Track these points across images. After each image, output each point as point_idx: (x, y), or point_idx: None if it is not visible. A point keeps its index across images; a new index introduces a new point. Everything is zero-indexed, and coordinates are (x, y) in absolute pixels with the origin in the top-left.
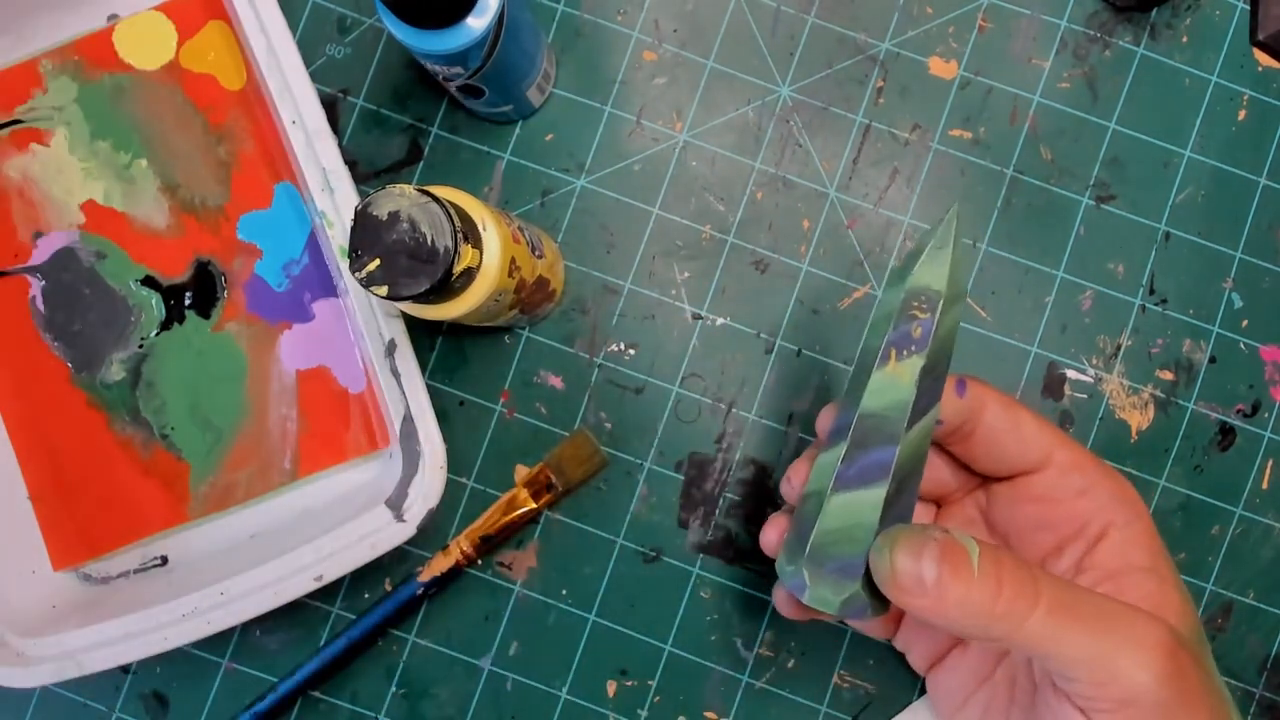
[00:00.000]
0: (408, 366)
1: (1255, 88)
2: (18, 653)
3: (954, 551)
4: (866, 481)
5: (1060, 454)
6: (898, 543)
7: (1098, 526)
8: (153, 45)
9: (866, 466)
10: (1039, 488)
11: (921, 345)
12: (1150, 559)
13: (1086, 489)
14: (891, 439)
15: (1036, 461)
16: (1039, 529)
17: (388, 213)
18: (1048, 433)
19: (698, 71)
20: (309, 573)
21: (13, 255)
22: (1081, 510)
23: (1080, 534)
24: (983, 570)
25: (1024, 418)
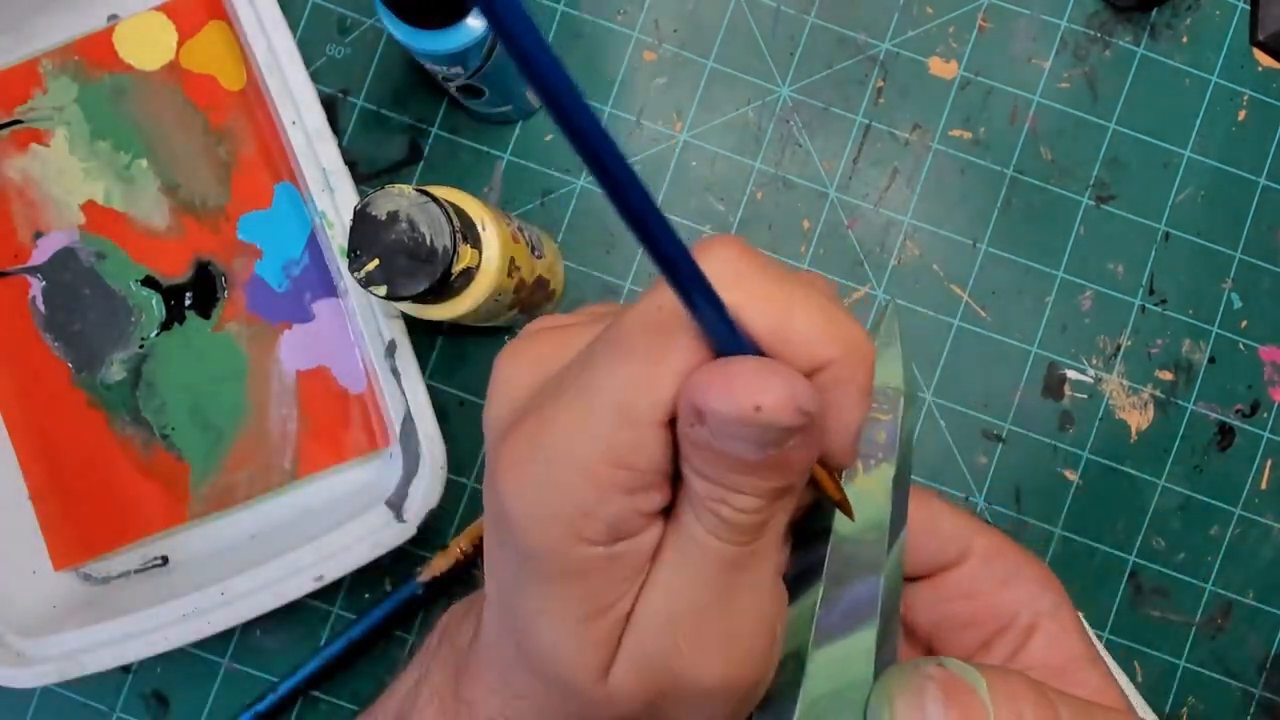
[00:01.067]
0: (408, 366)
1: (1255, 88)
2: (18, 653)
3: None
4: (852, 625)
5: (979, 543)
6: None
7: (1027, 619)
8: (153, 45)
9: (850, 606)
10: (962, 583)
11: (889, 451)
12: (1086, 648)
13: (1009, 578)
14: (873, 567)
15: (957, 555)
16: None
17: (387, 213)
18: (964, 522)
19: (698, 71)
20: (309, 573)
21: (13, 255)
22: (1008, 601)
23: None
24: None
25: (940, 510)
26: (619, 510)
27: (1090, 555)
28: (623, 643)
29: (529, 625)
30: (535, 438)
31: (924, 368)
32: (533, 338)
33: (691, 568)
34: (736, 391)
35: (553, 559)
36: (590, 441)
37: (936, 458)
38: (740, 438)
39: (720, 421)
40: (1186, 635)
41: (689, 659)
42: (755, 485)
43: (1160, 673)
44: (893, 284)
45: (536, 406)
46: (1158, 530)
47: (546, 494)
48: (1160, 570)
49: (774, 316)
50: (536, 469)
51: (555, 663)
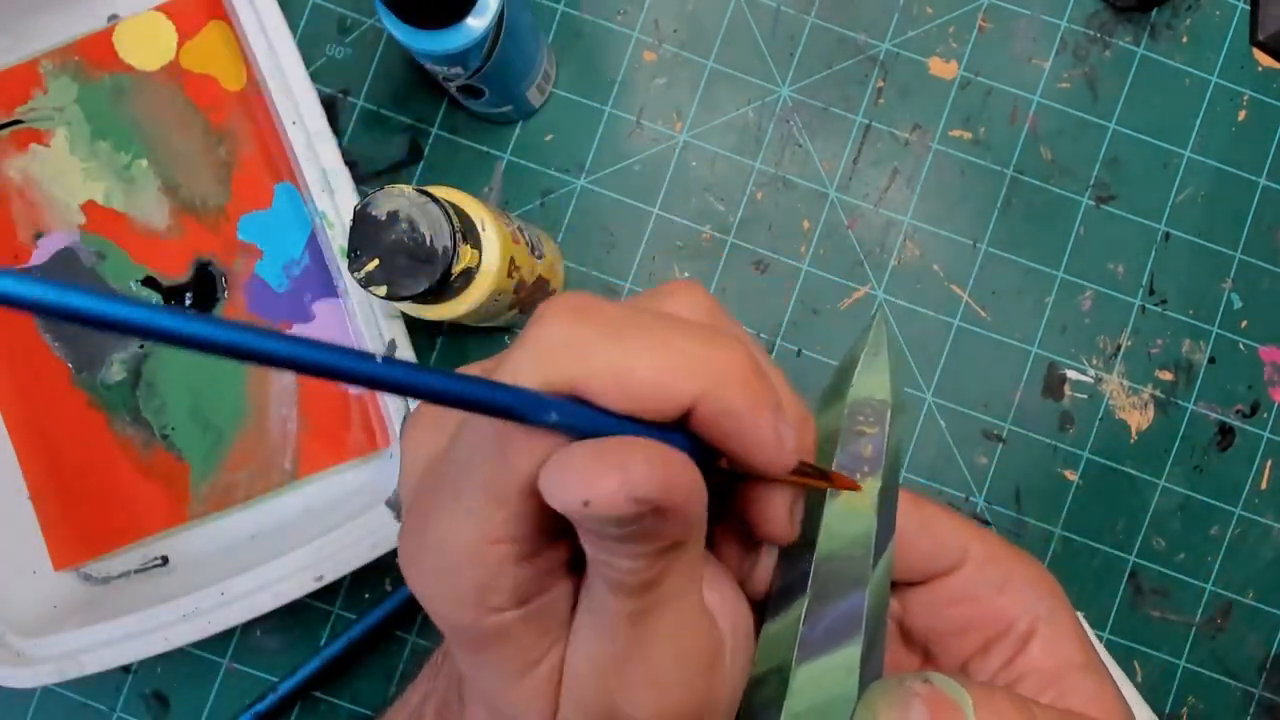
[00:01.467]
0: None
1: (1255, 88)
2: (18, 653)
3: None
4: (835, 641)
5: (975, 548)
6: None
7: (1025, 624)
8: (153, 45)
9: (834, 623)
10: (957, 588)
11: (875, 464)
12: (1084, 653)
13: (1005, 582)
14: (858, 582)
15: (953, 561)
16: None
17: (386, 213)
18: (961, 527)
19: (698, 71)
20: (309, 573)
21: (13, 255)
22: (1005, 607)
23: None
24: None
25: (935, 515)
26: (516, 579)
27: (1090, 555)
28: (562, 691)
29: (473, 680)
30: (421, 532)
31: (924, 368)
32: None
33: (599, 623)
34: (567, 487)
35: (471, 631)
36: (468, 527)
37: (936, 458)
38: (587, 524)
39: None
40: (1186, 635)
41: (622, 704)
42: (630, 551)
43: (1160, 673)
44: (893, 284)
45: (419, 498)
46: (1158, 530)
47: (445, 580)
48: (1160, 570)
49: (616, 380)
50: (430, 559)
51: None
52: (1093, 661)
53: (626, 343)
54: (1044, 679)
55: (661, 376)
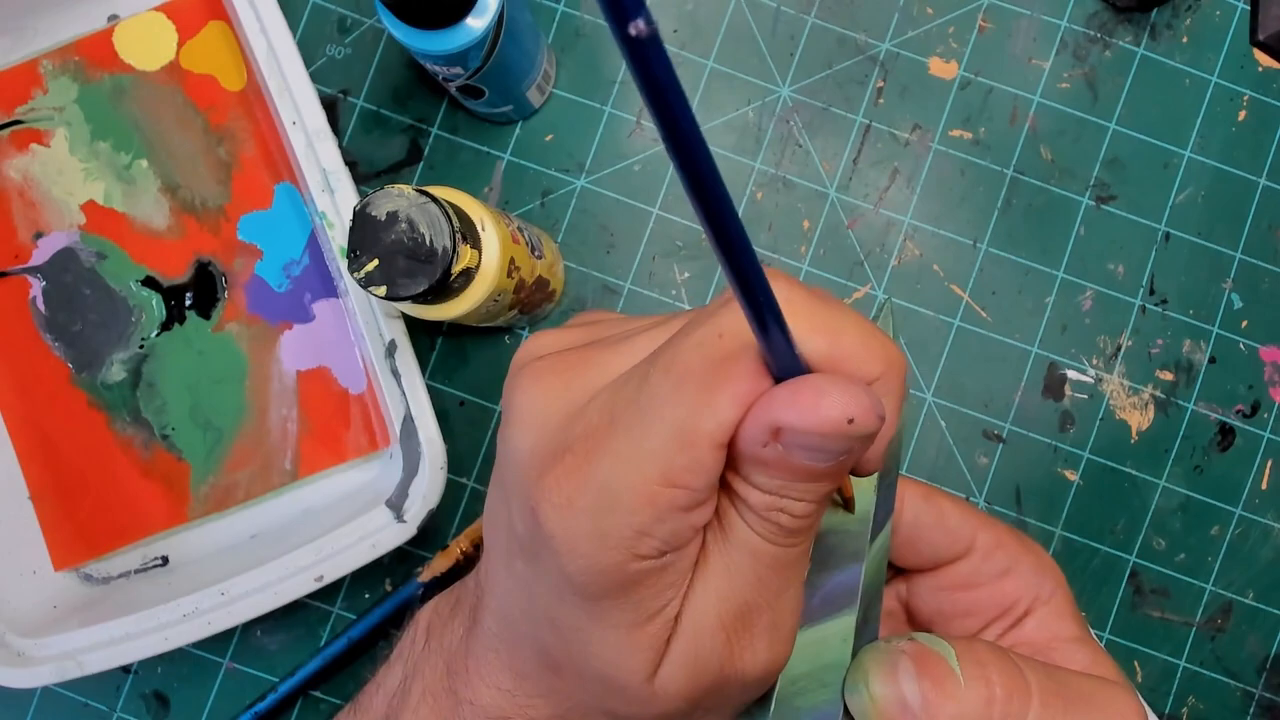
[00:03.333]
0: (408, 367)
1: (1255, 88)
2: (18, 653)
3: (931, 661)
4: (831, 611)
5: (982, 536)
6: (869, 669)
7: (1024, 604)
8: (153, 46)
9: (830, 593)
10: (964, 574)
11: None
12: (1077, 629)
13: (1009, 567)
14: (855, 556)
15: (961, 549)
16: (965, 615)
17: (386, 213)
18: (969, 517)
19: (698, 71)
20: (309, 573)
21: (13, 256)
22: (1007, 590)
23: (1006, 613)
24: (968, 675)
25: (946, 507)
26: (675, 527)
27: (1090, 555)
28: (671, 645)
29: (570, 632)
30: (587, 468)
31: (924, 368)
32: (549, 363)
33: (744, 571)
34: (826, 407)
35: (605, 578)
36: (649, 465)
37: (937, 458)
38: (817, 448)
39: (804, 435)
40: (1186, 635)
41: (738, 655)
42: (815, 490)
43: (1160, 673)
44: (893, 284)
45: (584, 435)
46: (1158, 530)
47: (600, 521)
48: (1160, 570)
49: (827, 339)
50: (589, 498)
51: (603, 667)
52: (1086, 637)
53: (835, 312)
54: (1033, 650)
55: (861, 349)
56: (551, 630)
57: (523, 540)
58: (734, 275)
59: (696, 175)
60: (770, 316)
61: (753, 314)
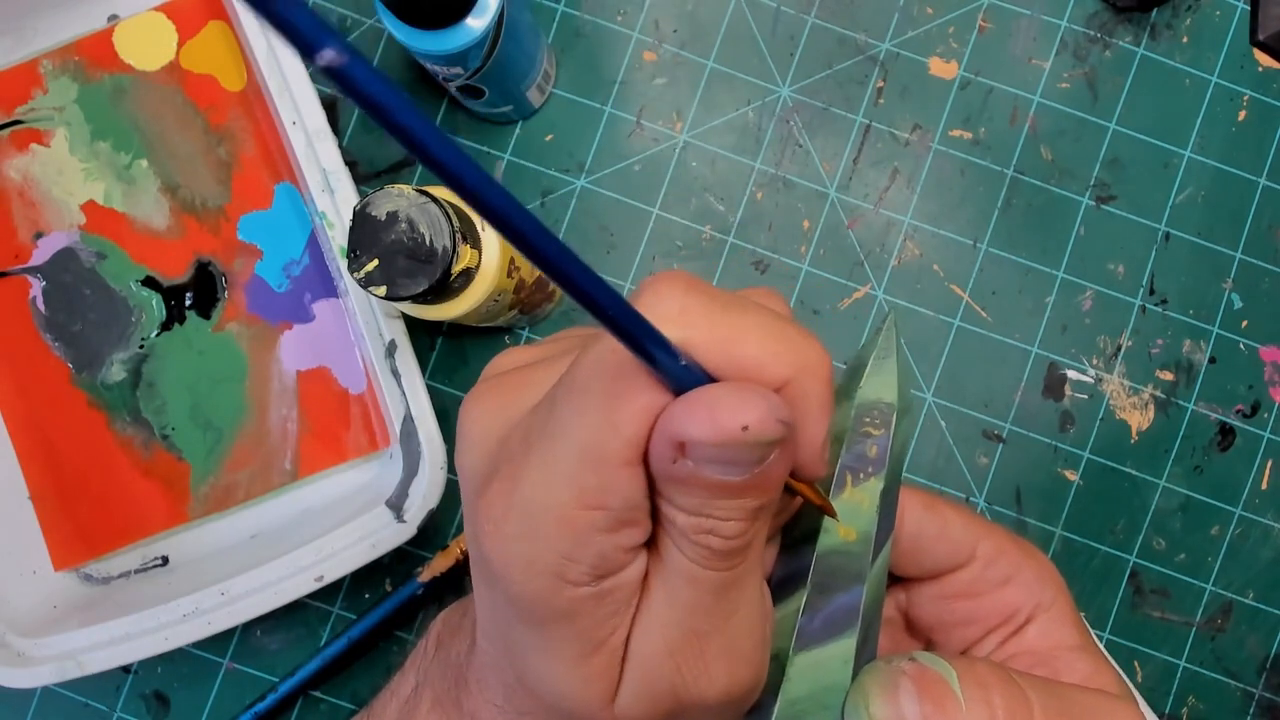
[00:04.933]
0: (408, 367)
1: (1255, 88)
2: (18, 653)
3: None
4: (833, 633)
5: (984, 545)
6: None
7: (1026, 612)
8: (153, 46)
9: (831, 615)
10: (965, 583)
11: (879, 465)
12: (1079, 636)
13: (1011, 575)
14: (856, 578)
15: (963, 559)
16: (965, 624)
17: (386, 213)
18: (972, 526)
19: (698, 71)
20: (309, 573)
21: (13, 256)
22: (1009, 598)
23: (1008, 621)
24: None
25: (950, 517)
26: (599, 550)
27: (1090, 555)
28: (623, 674)
29: (527, 662)
30: (509, 493)
31: (924, 368)
32: (496, 381)
33: (682, 598)
34: (720, 416)
35: (541, 604)
36: (562, 489)
37: (937, 458)
38: (725, 461)
39: (706, 449)
40: (1186, 635)
41: (691, 681)
42: (739, 507)
43: (1160, 673)
44: (893, 284)
45: (506, 459)
46: (1158, 530)
47: (527, 546)
48: (1160, 570)
49: (723, 346)
50: (514, 523)
51: (559, 697)
52: (1088, 645)
53: (735, 318)
54: (1035, 659)
55: (765, 352)
56: (512, 651)
57: (476, 561)
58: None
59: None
60: (642, 339)
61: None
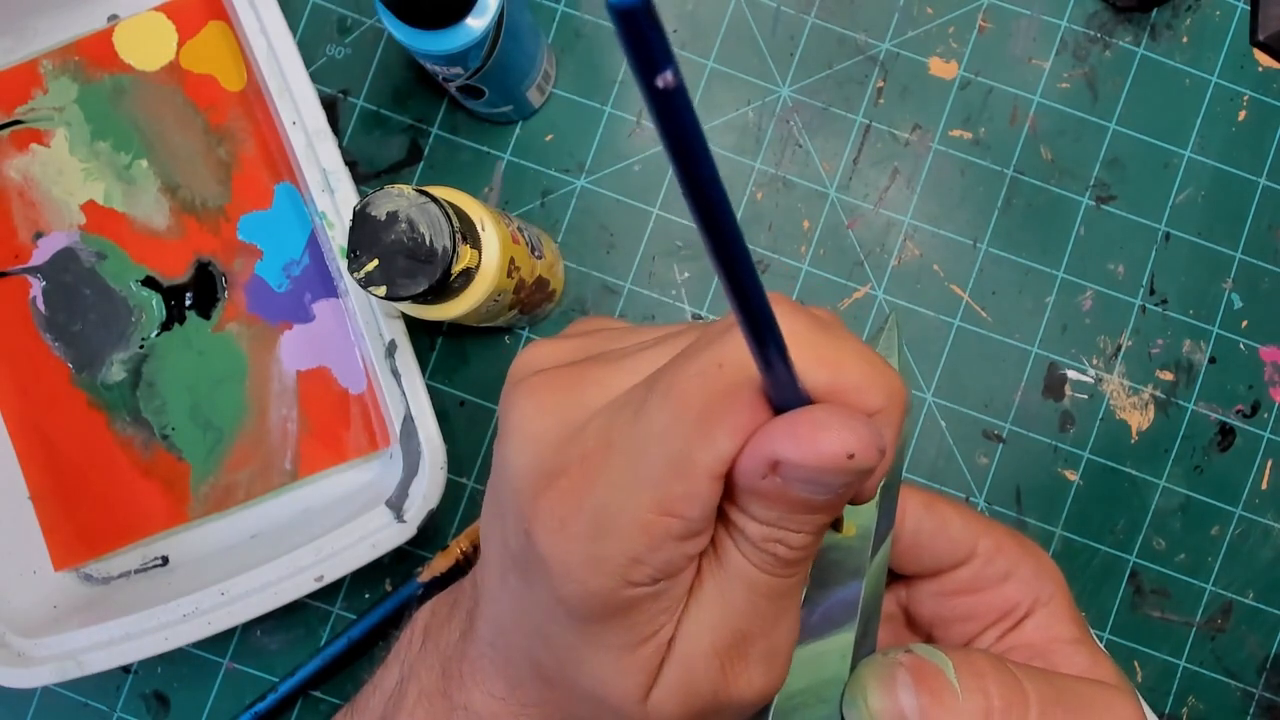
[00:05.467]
0: (408, 367)
1: (1255, 88)
2: (18, 653)
3: (928, 674)
4: (831, 627)
5: (984, 543)
6: (867, 683)
7: (1025, 607)
8: (153, 46)
9: (830, 609)
10: (964, 580)
11: None
12: (1077, 630)
13: (1010, 571)
14: (855, 573)
15: (963, 556)
16: (965, 619)
17: (386, 213)
18: (972, 524)
19: (698, 71)
20: (309, 573)
21: (13, 256)
22: (1008, 594)
23: (1006, 616)
24: (965, 686)
25: (949, 515)
26: (669, 556)
27: (1090, 555)
28: (664, 669)
29: (566, 654)
30: (583, 492)
31: (924, 368)
32: (546, 379)
33: (737, 601)
34: (827, 442)
35: (599, 602)
36: (644, 494)
37: (937, 458)
38: (817, 482)
39: (804, 470)
40: (1186, 635)
41: (732, 681)
42: (813, 523)
43: (1160, 673)
44: (893, 284)
45: (579, 459)
46: (1158, 530)
47: (594, 546)
48: (1160, 570)
49: (829, 371)
50: (584, 523)
51: (596, 687)
52: (1085, 638)
53: (837, 341)
54: (1033, 652)
55: (864, 379)
56: (544, 646)
57: (517, 557)
58: (741, 312)
59: (714, 222)
60: (775, 352)
61: (758, 350)
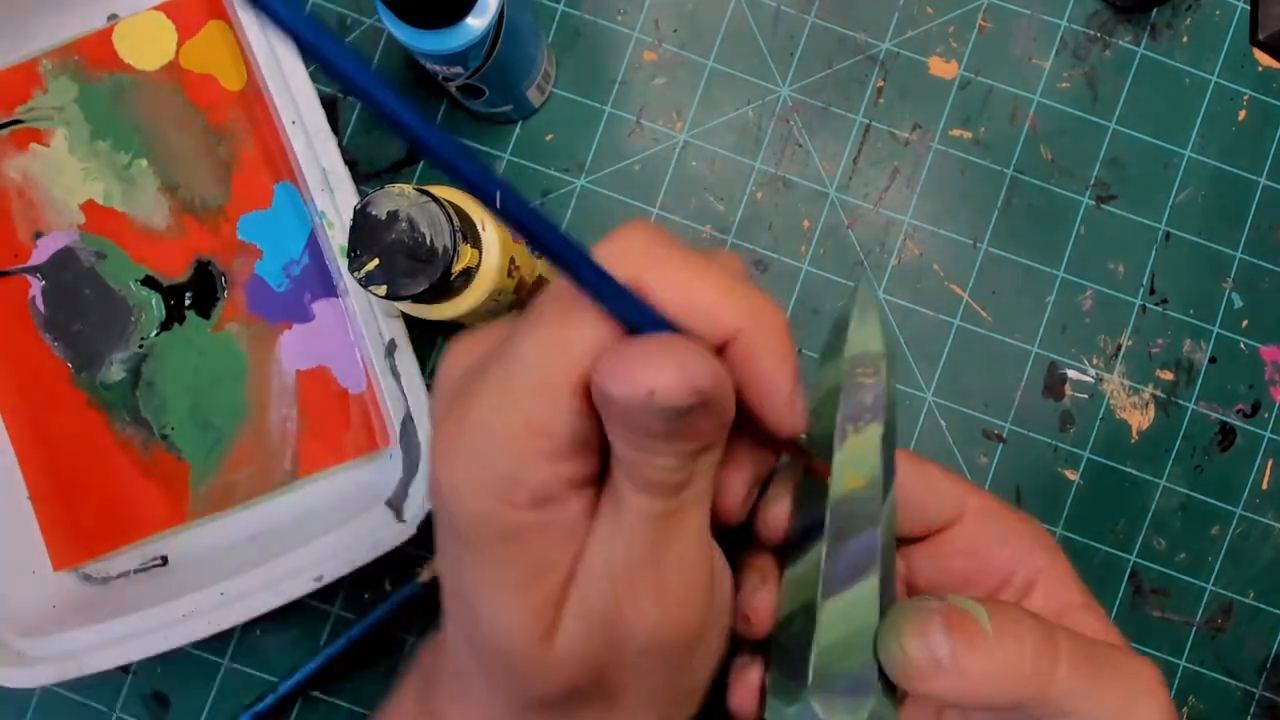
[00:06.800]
0: (408, 366)
1: (1255, 88)
2: (18, 653)
3: (961, 618)
4: (855, 575)
5: (973, 501)
6: (901, 626)
7: (1026, 574)
8: (153, 45)
9: (852, 558)
10: (959, 541)
11: (876, 412)
12: (1083, 595)
13: (1005, 536)
14: (871, 520)
15: (952, 514)
16: (964, 585)
17: (386, 212)
18: (958, 483)
19: (698, 71)
20: (309, 573)
21: (13, 255)
22: (1005, 559)
23: (1008, 584)
24: (998, 630)
25: (932, 471)
26: (543, 477)
27: (1091, 555)
28: (565, 603)
29: (472, 603)
30: (463, 416)
31: (924, 367)
32: (464, 336)
33: (624, 524)
34: (632, 377)
35: (484, 526)
36: (511, 410)
37: (937, 457)
38: (634, 418)
39: (616, 405)
40: (1186, 635)
41: (626, 611)
42: (670, 449)
43: (1160, 672)
44: (893, 284)
45: (466, 389)
46: (1158, 530)
47: (473, 464)
48: (1161, 570)
49: (678, 291)
50: (464, 443)
51: (499, 634)
52: (1092, 604)
53: (693, 267)
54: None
55: (719, 297)
56: (462, 606)
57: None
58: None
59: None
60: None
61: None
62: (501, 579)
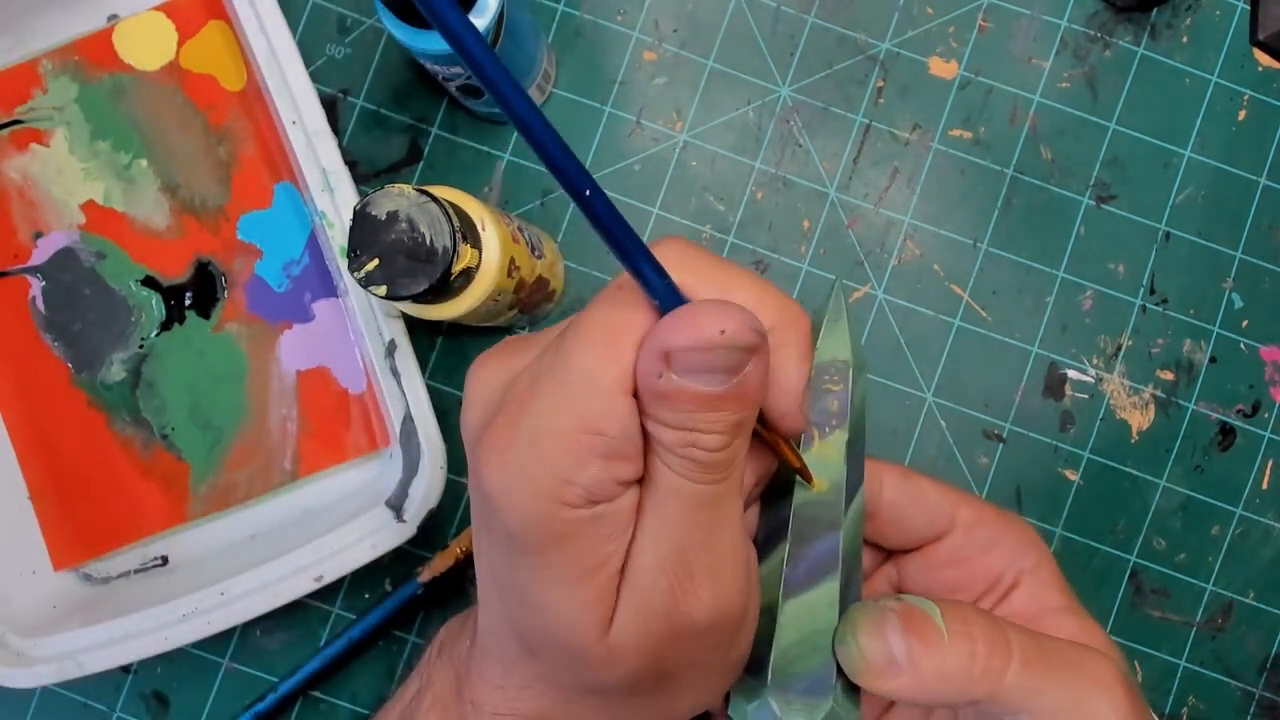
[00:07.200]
0: (408, 366)
1: (1255, 88)
2: (18, 653)
3: (916, 618)
4: (816, 578)
5: (963, 512)
6: (858, 625)
7: (1010, 577)
8: (153, 45)
9: (813, 561)
10: (949, 551)
11: (841, 418)
12: (1064, 598)
13: (993, 542)
14: (833, 525)
15: (944, 526)
16: (953, 592)
17: (386, 213)
18: (949, 494)
19: (698, 71)
20: (309, 573)
21: (13, 255)
22: (993, 564)
23: (994, 587)
24: (952, 631)
25: (924, 485)
26: (595, 475)
27: (1091, 555)
28: (620, 596)
29: (527, 598)
30: (515, 422)
31: (924, 368)
32: (500, 346)
33: (672, 513)
34: (702, 324)
35: (539, 527)
36: (565, 414)
37: (937, 457)
38: (706, 369)
39: (687, 355)
40: (1187, 635)
41: (681, 598)
42: (720, 420)
43: (1160, 673)
44: (893, 284)
45: (514, 396)
46: (1158, 530)
47: (527, 469)
48: (1161, 570)
49: (719, 291)
50: (518, 449)
51: (557, 628)
52: (1074, 606)
53: (729, 272)
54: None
55: (752, 300)
56: (512, 600)
57: (477, 510)
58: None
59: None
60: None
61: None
62: (558, 575)
